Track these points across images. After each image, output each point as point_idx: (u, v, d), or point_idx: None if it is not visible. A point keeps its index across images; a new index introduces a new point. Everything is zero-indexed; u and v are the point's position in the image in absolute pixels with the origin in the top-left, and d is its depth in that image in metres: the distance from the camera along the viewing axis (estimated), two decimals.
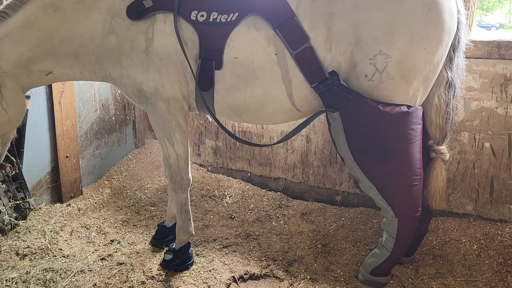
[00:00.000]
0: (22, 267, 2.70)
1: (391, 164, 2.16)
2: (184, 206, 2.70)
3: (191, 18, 2.20)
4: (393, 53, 2.00)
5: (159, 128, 2.48)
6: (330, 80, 2.09)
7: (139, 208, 3.55)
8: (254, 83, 2.23)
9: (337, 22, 2.03)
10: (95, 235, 3.13)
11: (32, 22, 2.16)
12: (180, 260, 2.72)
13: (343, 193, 3.52)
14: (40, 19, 2.17)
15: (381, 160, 2.15)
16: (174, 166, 2.56)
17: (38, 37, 2.19)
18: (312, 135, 3.50)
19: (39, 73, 2.30)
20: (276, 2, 2.10)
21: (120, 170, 4.11)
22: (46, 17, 2.18)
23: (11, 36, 2.14)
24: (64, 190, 3.57)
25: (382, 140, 2.12)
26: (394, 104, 2.07)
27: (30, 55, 2.20)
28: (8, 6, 2.15)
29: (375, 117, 2.07)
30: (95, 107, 3.87)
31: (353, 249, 2.92)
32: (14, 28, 2.14)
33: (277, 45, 2.13)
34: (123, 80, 2.37)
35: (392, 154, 2.14)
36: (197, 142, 4.12)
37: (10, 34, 2.14)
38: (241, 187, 3.81)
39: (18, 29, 2.14)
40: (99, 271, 2.69)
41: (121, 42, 2.28)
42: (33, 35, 2.18)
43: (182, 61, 2.26)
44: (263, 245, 2.99)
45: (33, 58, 2.22)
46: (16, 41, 2.15)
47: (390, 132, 2.10)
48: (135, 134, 4.42)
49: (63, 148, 3.50)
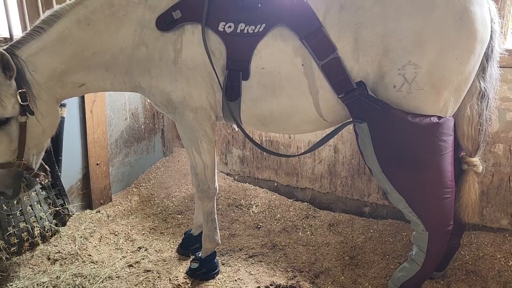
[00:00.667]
0: (53, 272, 2.77)
1: (421, 176, 2.10)
2: (211, 215, 2.71)
3: (219, 29, 2.23)
4: (422, 63, 1.96)
5: (187, 137, 2.51)
6: (357, 91, 2.06)
7: (166, 216, 3.59)
8: (281, 93, 2.23)
9: (364, 32, 2.01)
10: (123, 242, 3.18)
11: (66, 36, 2.24)
12: (206, 269, 2.73)
13: (371, 205, 3.45)
14: (74, 32, 2.25)
15: (410, 172, 2.10)
16: (201, 175, 2.58)
17: (72, 50, 2.27)
18: (340, 145, 3.46)
19: (72, 85, 2.38)
20: (303, 13, 2.10)
21: (148, 178, 4.18)
22: (80, 31, 2.25)
23: (46, 50, 2.22)
24: (94, 197, 3.66)
25: (411, 152, 2.07)
26: (424, 115, 2.02)
27: (63, 68, 2.28)
28: (44, 21, 2.23)
29: (404, 128, 2.03)
30: (125, 116, 3.96)
31: (382, 262, 2.85)
32: (49, 42, 2.22)
33: (304, 55, 2.12)
34: (152, 89, 2.42)
35: (422, 166, 2.08)
36: (224, 151, 4.15)
37: (45, 48, 2.21)
38: (268, 196, 3.80)
39: (53, 43, 2.22)
40: (127, 278, 2.73)
41: (150, 53, 2.33)
42: (67, 48, 2.25)
43: (209, 71, 2.29)
44: (290, 256, 2.96)
45: (67, 71, 2.30)
46: (51, 55, 2.23)
47: (420, 143, 2.05)
48: (163, 142, 4.49)
49: (93, 155, 3.60)
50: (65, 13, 2.23)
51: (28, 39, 2.19)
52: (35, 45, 2.19)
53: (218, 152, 4.15)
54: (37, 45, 2.19)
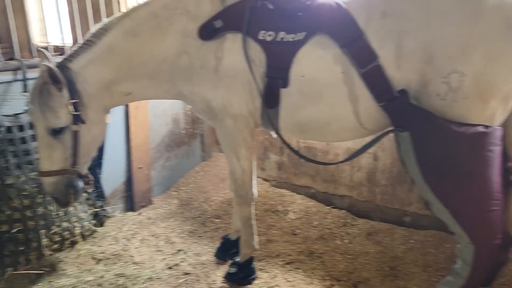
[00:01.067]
0: (97, 271, 2.89)
1: (467, 187, 2.03)
2: (249, 220, 2.74)
3: (259, 38, 2.25)
4: (468, 71, 1.90)
5: (226, 143, 2.56)
6: (399, 99, 2.03)
7: (204, 219, 3.65)
8: (320, 101, 2.22)
9: (407, 39, 1.97)
10: (163, 244, 3.27)
11: (114, 48, 2.34)
12: (243, 274, 2.75)
13: (412, 214, 3.36)
14: (121, 44, 2.35)
15: (455, 183, 2.03)
16: (240, 180, 2.61)
17: (119, 61, 2.37)
18: (380, 152, 3.39)
19: (119, 94, 2.48)
20: (344, 21, 2.09)
21: (187, 182, 4.27)
22: (126, 42, 2.35)
23: (96, 62, 2.33)
24: (136, 200, 3.78)
25: (456, 162, 2.01)
26: (469, 124, 1.95)
27: (112, 78, 2.39)
28: (93, 34, 2.35)
29: (449, 138, 1.97)
30: (166, 121, 4.07)
31: (423, 274, 2.77)
32: (98, 54, 2.33)
33: (344, 63, 2.11)
34: (193, 97, 2.48)
35: (468, 177, 2.01)
36: (262, 156, 4.17)
37: (94, 60, 2.33)
38: (305, 203, 3.78)
39: (102, 55, 2.34)
40: (166, 280, 2.81)
41: (192, 61, 2.39)
42: (114, 59, 2.36)
43: (249, 79, 2.32)
44: (327, 264, 2.93)
45: (114, 80, 2.40)
46: (100, 66, 2.34)
47: (465, 153, 1.98)
48: (202, 147, 4.57)
49: (136, 159, 3.72)
50: (113, 25, 2.34)
51: (79, 52, 2.31)
52: (85, 58, 2.31)
53: (256, 157, 4.17)
54: (87, 57, 2.31)
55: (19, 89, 2.78)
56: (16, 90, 2.81)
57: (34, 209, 2.62)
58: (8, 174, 2.55)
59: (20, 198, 2.56)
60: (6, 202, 2.52)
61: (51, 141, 2.28)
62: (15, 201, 2.55)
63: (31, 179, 2.64)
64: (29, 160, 2.68)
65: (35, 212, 2.63)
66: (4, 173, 2.53)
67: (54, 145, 2.29)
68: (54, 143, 2.29)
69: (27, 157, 2.67)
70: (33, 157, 2.69)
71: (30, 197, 2.61)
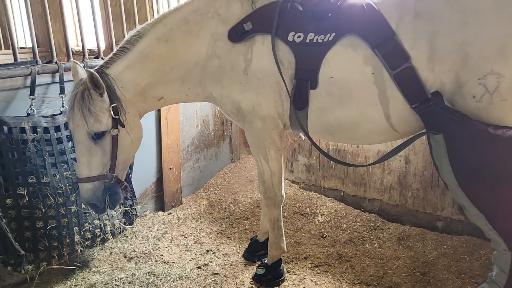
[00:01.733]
0: (129, 269, 2.96)
1: (504, 191, 1.96)
2: (277, 222, 2.74)
3: (288, 39, 2.25)
4: (506, 72, 1.83)
5: (255, 145, 2.57)
6: (432, 101, 1.98)
7: (233, 220, 3.68)
8: (349, 102, 2.20)
9: (441, 40, 1.92)
10: (192, 244, 3.31)
11: (148, 54, 2.40)
12: (271, 275, 2.75)
13: (445, 219, 3.26)
14: (154, 50, 2.40)
15: (491, 187, 1.96)
16: (268, 182, 2.61)
17: (153, 66, 2.42)
18: (411, 155, 3.32)
19: (152, 99, 2.54)
20: (375, 21, 2.06)
21: (216, 183, 4.31)
22: (159, 48, 2.40)
23: (131, 68, 2.39)
24: (166, 200, 3.85)
25: (492, 166, 1.94)
26: (507, 127, 1.88)
27: (146, 83, 2.44)
28: (128, 41, 2.41)
29: (485, 141, 1.90)
30: (196, 123, 4.13)
31: (457, 281, 2.69)
32: (133, 60, 2.39)
33: (374, 64, 2.08)
34: (223, 99, 2.51)
35: (505, 181, 1.94)
36: (290, 158, 4.16)
37: (130, 66, 2.39)
38: (334, 206, 3.75)
39: (137, 60, 2.39)
40: (195, 279, 2.84)
41: (222, 64, 2.42)
42: (148, 65, 2.41)
43: (278, 81, 2.32)
44: (356, 268, 2.89)
45: (148, 86, 2.46)
46: (135, 72, 2.40)
47: (502, 157, 1.91)
48: (231, 149, 4.61)
49: (167, 160, 3.79)
50: (146, 32, 2.39)
51: (115, 59, 2.38)
52: (121, 64, 2.37)
53: (284, 159, 4.17)
54: (123, 63, 2.37)
55: (55, 91, 2.88)
56: (53, 92, 2.91)
57: (67, 207, 2.71)
58: (44, 173, 2.65)
59: (55, 196, 2.66)
60: (42, 200, 2.62)
61: (90, 146, 2.31)
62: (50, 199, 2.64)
63: (65, 178, 2.73)
64: (64, 159, 2.77)
65: (69, 210, 2.72)
66: (41, 172, 2.63)
67: (93, 150, 2.32)
68: (94, 149, 2.32)
69: (63, 157, 2.77)
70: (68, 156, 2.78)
71: (64, 195, 2.70)
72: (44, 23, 3.07)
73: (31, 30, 2.89)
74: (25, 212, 2.60)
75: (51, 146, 2.73)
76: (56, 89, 2.89)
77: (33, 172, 2.62)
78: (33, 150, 2.63)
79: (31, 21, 2.89)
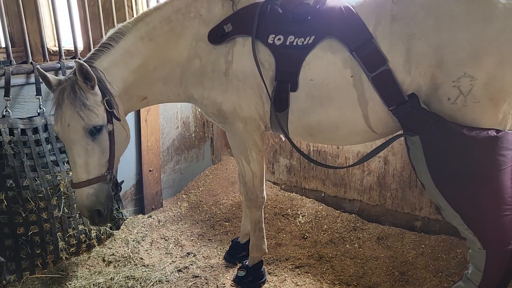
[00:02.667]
0: (108, 273, 2.92)
1: (478, 192, 2.01)
2: (258, 224, 2.74)
3: (269, 41, 2.26)
4: (479, 75, 1.88)
5: (236, 147, 2.56)
6: (409, 103, 2.01)
7: (214, 222, 3.66)
8: (329, 105, 2.22)
9: (417, 43, 1.96)
10: (172, 247, 3.28)
11: (132, 51, 2.36)
12: (252, 277, 2.75)
13: (423, 219, 3.32)
14: (138, 48, 2.36)
15: (466, 187, 2.01)
16: (250, 184, 2.61)
17: (138, 65, 2.38)
18: (390, 156, 3.37)
19: (136, 98, 2.50)
20: (353, 25, 2.08)
21: (197, 185, 4.29)
22: (143, 46, 2.37)
23: (117, 64, 2.33)
24: (147, 202, 3.81)
25: (467, 167, 1.98)
26: (480, 129, 1.93)
27: (131, 81, 2.40)
28: (110, 38, 2.36)
29: (460, 142, 1.95)
30: (177, 124, 4.10)
31: (434, 279, 2.74)
32: (118, 56, 2.33)
33: (353, 67, 2.11)
34: (204, 100, 2.50)
35: (479, 182, 1.99)
36: (272, 160, 4.17)
37: (116, 62, 2.33)
38: (315, 207, 3.77)
39: (122, 57, 2.34)
40: (176, 283, 2.82)
41: (203, 65, 2.41)
42: (134, 63, 2.37)
43: (259, 83, 2.33)
44: (337, 268, 2.92)
45: (133, 84, 2.42)
46: (121, 68, 2.35)
47: (477, 158, 1.96)
48: (212, 150, 4.59)
49: (147, 162, 3.75)
50: (128, 30, 2.35)
51: (99, 54, 2.29)
52: (106, 59, 2.29)
53: (266, 161, 4.17)
54: (109, 59, 2.30)
55: (31, 92, 2.82)
56: (28, 94, 2.85)
57: (50, 211, 2.63)
58: (23, 176, 2.57)
59: (36, 200, 2.57)
60: (22, 204, 2.53)
61: (87, 145, 2.16)
62: (31, 203, 2.56)
63: (46, 181, 2.65)
64: (44, 162, 2.69)
65: (51, 215, 2.64)
66: (20, 175, 2.56)
67: (90, 149, 2.18)
68: (91, 147, 2.17)
69: (42, 159, 2.69)
70: (48, 159, 2.71)
71: (45, 199, 2.62)
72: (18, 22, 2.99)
73: (4, 29, 2.82)
74: (4, 218, 2.52)
75: (29, 148, 2.66)
76: (32, 91, 2.82)
77: (11, 176, 2.54)
78: (10, 152, 2.55)
79: (4, 20, 2.82)
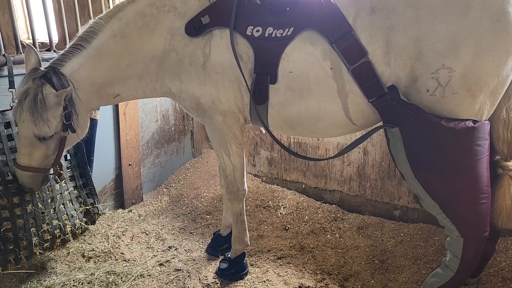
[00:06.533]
0: (88, 269, 2.87)
1: (456, 181, 2.05)
2: (240, 216, 2.74)
3: (247, 33, 2.24)
4: (457, 66, 1.91)
5: (216, 140, 2.55)
6: (389, 95, 2.03)
7: (195, 216, 3.65)
8: (309, 97, 2.22)
9: (396, 35, 1.97)
10: (154, 241, 3.26)
11: (103, 51, 2.31)
12: (235, 269, 2.76)
13: (402, 208, 3.39)
14: (110, 47, 2.32)
15: (445, 177, 2.05)
16: (230, 177, 2.61)
17: (108, 64, 2.34)
18: (369, 147, 3.41)
19: (108, 96, 2.47)
20: (332, 17, 2.08)
21: (178, 179, 4.25)
22: (115, 44, 2.33)
23: (86, 66, 2.30)
24: (126, 197, 3.76)
25: (446, 157, 2.02)
26: (458, 119, 1.97)
27: (101, 81, 2.36)
28: (81, 38, 2.32)
29: (438, 133, 1.98)
30: (156, 118, 4.04)
31: (413, 267, 2.80)
32: (88, 58, 2.30)
33: (333, 59, 2.11)
34: (182, 94, 2.46)
35: (457, 171, 2.03)
36: (252, 152, 4.17)
37: (85, 64, 2.30)
38: (296, 198, 3.80)
39: (92, 59, 2.30)
40: (158, 277, 2.80)
41: (180, 59, 2.37)
42: (104, 63, 2.33)
43: (237, 75, 2.31)
44: (318, 258, 2.95)
45: (104, 84, 2.38)
46: (90, 70, 2.32)
47: (455, 148, 2.00)
48: (192, 144, 4.55)
49: (126, 156, 3.69)
50: (101, 28, 2.31)
51: (69, 56, 2.28)
52: (76, 62, 2.28)
53: (246, 153, 4.17)
54: (78, 61, 2.28)
55: (4, 86, 2.73)
56: (1, 87, 2.75)
57: (23, 207, 2.59)
58: None
59: (8, 196, 2.52)
60: None
61: (34, 142, 2.29)
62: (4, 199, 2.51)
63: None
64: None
65: (24, 210, 2.59)
66: None
67: (37, 146, 2.30)
68: (37, 145, 2.31)
69: (14, 155, 2.62)
70: None
71: (18, 195, 2.57)
72: None
73: None
74: None
75: (1, 143, 2.59)
76: (4, 84, 2.73)
77: None
78: None
79: None
